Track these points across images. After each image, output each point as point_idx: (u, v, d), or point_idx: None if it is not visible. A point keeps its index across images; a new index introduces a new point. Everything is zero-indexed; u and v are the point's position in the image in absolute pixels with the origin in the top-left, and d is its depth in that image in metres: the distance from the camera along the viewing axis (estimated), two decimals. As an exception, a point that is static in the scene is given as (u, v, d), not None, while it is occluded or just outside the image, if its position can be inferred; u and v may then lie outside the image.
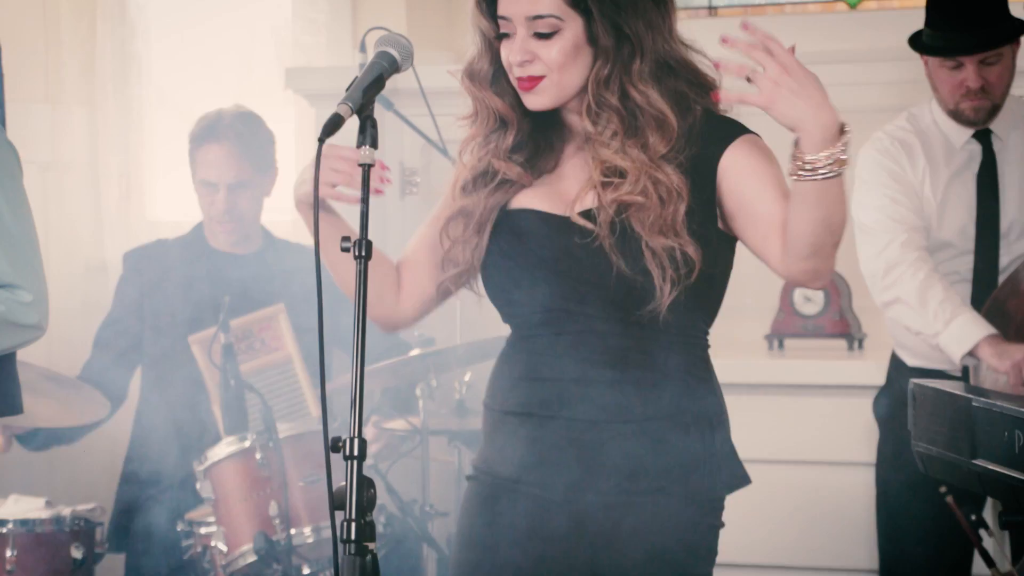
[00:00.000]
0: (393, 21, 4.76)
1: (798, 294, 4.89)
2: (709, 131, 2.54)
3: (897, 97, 4.71)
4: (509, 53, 2.52)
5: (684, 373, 2.56)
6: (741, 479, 2.63)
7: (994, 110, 4.05)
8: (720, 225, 2.55)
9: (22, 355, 3.27)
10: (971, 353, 3.84)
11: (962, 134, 4.10)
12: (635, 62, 2.48)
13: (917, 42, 4.07)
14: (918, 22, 4.16)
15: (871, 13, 5.18)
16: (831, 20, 5.20)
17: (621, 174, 2.48)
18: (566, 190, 2.57)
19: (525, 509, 2.58)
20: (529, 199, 2.58)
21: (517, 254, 2.56)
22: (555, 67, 2.49)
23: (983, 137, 4.11)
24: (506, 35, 2.53)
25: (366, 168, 2.31)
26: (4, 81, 3.85)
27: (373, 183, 2.35)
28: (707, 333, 2.62)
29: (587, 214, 2.51)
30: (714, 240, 2.53)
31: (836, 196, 2.35)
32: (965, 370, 3.95)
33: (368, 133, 2.32)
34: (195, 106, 5.23)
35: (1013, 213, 4.09)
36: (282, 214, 4.58)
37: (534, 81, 2.50)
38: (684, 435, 2.55)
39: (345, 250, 2.28)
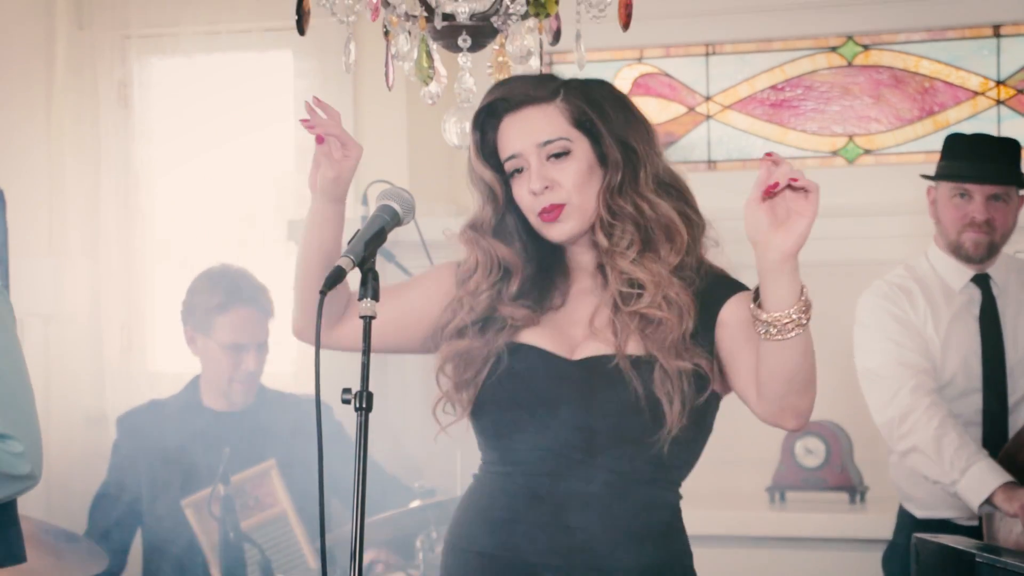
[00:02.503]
0: (395, 174, 4.81)
1: (799, 446, 4.87)
2: (715, 280, 2.57)
3: (894, 250, 4.74)
4: (529, 183, 2.55)
5: (665, 531, 2.56)
6: None
7: (992, 249, 4.10)
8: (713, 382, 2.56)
9: (20, 507, 3.25)
10: (988, 501, 3.84)
11: (961, 277, 4.13)
12: (641, 173, 2.54)
13: (931, 170, 4.16)
14: (915, 177, 4.21)
15: (868, 168, 5.23)
16: (829, 175, 5.24)
17: (639, 285, 2.51)
18: (573, 332, 2.57)
19: None
20: (535, 336, 2.58)
21: (517, 392, 2.55)
22: (575, 191, 2.53)
23: (981, 281, 4.14)
24: (517, 171, 2.57)
25: (367, 320, 2.31)
26: (8, 235, 3.87)
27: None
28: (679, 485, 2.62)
29: (598, 360, 2.51)
30: (710, 383, 2.54)
31: (801, 351, 2.33)
32: (978, 519, 3.93)
33: (370, 286, 2.33)
34: (197, 258, 5.26)
35: (1019, 351, 4.10)
36: (278, 364, 4.58)
37: (557, 210, 2.53)
38: None
39: (346, 402, 2.28)
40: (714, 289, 2.56)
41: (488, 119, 2.61)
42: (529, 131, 2.55)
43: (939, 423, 3.93)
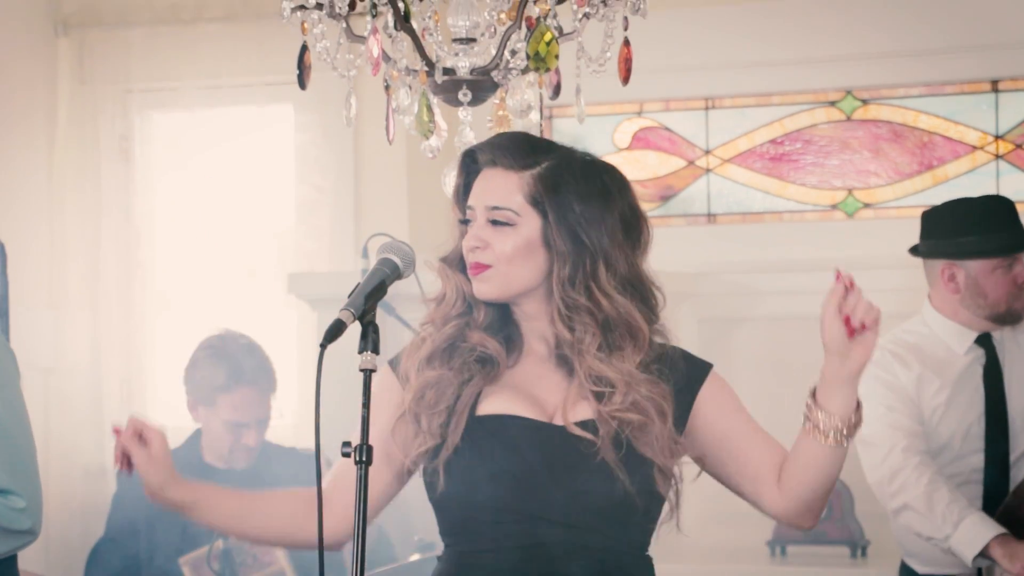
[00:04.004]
0: (395, 227, 4.82)
1: (800, 500, 4.86)
2: (686, 366, 2.56)
3: (893, 304, 4.72)
4: (465, 239, 2.54)
5: None
6: None
7: None
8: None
9: (18, 562, 3.25)
10: (983, 554, 3.82)
11: (965, 339, 4.12)
12: (600, 269, 2.49)
13: (946, 249, 4.10)
14: (914, 230, 4.21)
15: (868, 222, 5.24)
16: (829, 228, 5.26)
17: (609, 384, 2.47)
18: (543, 398, 2.53)
19: None
20: (504, 403, 2.53)
21: (502, 459, 2.48)
22: (503, 259, 2.50)
23: (984, 340, 4.13)
24: (471, 222, 2.55)
25: (367, 374, 2.31)
26: (8, 288, 3.88)
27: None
28: None
29: (584, 425, 2.47)
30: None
31: (843, 458, 2.46)
32: (979, 573, 3.92)
33: (370, 339, 2.33)
34: (198, 312, 5.27)
35: (1018, 407, 4.09)
36: (282, 418, 4.58)
37: (481, 268, 2.52)
38: None
39: (346, 455, 2.27)
40: (688, 371, 2.56)
41: (472, 164, 2.59)
42: (486, 191, 2.53)
43: (929, 480, 3.92)
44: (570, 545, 2.46)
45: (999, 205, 4.15)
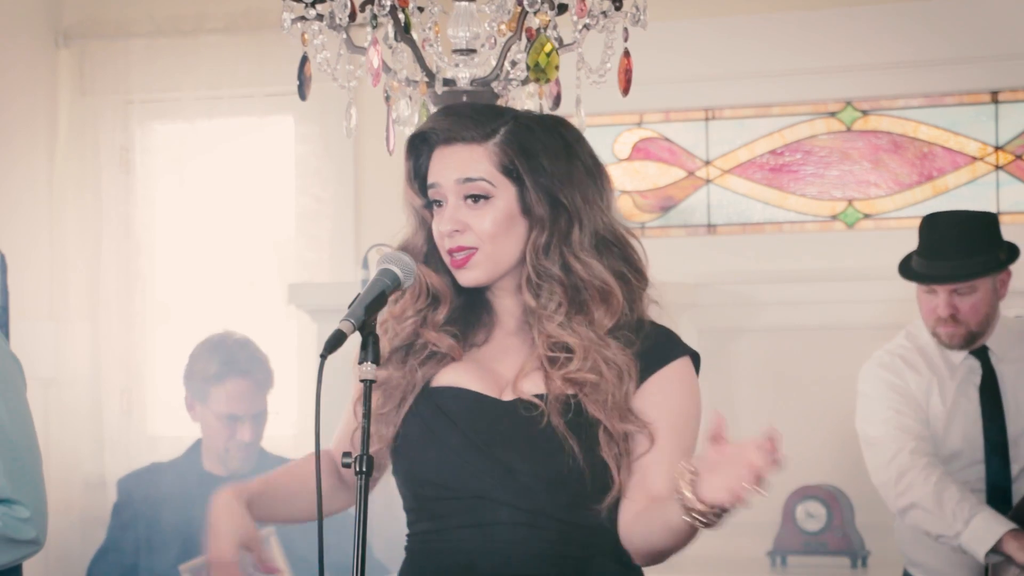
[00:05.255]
0: (395, 238, 4.82)
1: (800, 510, 4.86)
2: (656, 344, 2.45)
3: (892, 315, 4.74)
4: (439, 223, 2.46)
5: None
6: None
7: (971, 337, 4.07)
8: None
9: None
10: (995, 549, 3.81)
11: (957, 352, 4.13)
12: (574, 231, 2.42)
13: (905, 266, 4.16)
14: (913, 242, 4.21)
15: (867, 233, 5.24)
16: (828, 239, 5.26)
17: (568, 349, 2.40)
18: (501, 372, 2.48)
19: None
20: (458, 376, 2.48)
21: (445, 434, 2.44)
22: (487, 238, 2.43)
23: (980, 353, 4.13)
24: (437, 203, 2.48)
25: (367, 384, 2.31)
26: (9, 298, 3.88)
27: None
28: None
29: (531, 401, 2.40)
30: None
31: (689, 540, 2.28)
32: (985, 573, 3.92)
33: (370, 350, 2.32)
34: (198, 322, 5.27)
35: (1020, 421, 4.09)
36: (279, 428, 4.59)
37: (466, 255, 2.45)
38: None
39: (346, 466, 2.27)
40: (657, 349, 2.44)
41: (422, 146, 2.50)
42: (452, 166, 2.44)
43: (937, 479, 3.93)
44: (519, 526, 2.39)
45: (948, 230, 4.10)
